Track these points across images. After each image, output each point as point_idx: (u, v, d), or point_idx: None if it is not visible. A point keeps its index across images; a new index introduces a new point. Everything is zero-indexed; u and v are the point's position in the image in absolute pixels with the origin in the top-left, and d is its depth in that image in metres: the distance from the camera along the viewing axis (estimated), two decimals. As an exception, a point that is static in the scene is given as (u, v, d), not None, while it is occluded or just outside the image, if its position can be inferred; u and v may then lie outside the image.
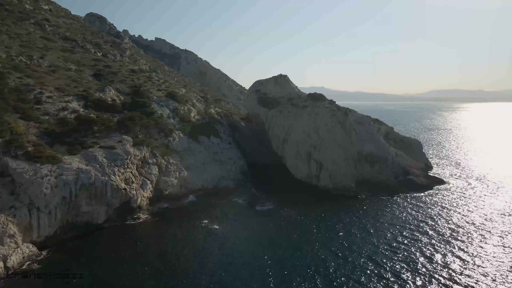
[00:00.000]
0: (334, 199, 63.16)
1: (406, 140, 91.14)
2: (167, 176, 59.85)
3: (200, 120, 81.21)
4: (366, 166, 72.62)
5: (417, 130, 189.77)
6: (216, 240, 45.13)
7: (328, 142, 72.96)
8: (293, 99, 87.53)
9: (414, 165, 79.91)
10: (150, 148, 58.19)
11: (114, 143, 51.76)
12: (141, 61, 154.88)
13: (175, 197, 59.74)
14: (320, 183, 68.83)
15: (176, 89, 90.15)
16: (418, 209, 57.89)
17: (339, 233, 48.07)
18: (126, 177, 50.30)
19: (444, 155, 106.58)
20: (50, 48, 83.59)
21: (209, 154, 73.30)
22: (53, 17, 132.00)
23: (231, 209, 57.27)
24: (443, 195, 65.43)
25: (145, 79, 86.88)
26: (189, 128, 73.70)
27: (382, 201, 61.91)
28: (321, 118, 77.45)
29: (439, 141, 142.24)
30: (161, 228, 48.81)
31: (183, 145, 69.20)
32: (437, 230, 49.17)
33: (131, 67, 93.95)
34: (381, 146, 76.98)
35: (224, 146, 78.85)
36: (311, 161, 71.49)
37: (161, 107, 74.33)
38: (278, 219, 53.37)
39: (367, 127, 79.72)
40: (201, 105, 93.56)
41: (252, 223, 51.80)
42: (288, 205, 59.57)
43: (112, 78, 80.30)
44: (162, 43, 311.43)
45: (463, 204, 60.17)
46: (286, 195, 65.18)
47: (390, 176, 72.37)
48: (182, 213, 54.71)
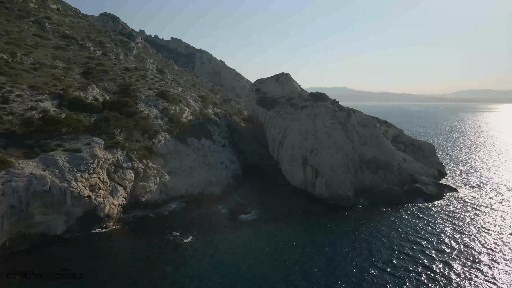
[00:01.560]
0: (329, 209, 57.05)
1: (418, 143, 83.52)
2: (145, 182, 55.45)
3: (193, 121, 76.58)
4: (368, 173, 65.98)
5: (437, 132, 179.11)
6: (182, 255, 40.19)
7: (327, 145, 66.84)
8: (293, 99, 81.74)
9: (424, 172, 72.54)
10: (126, 151, 53.88)
11: (81, 145, 47.65)
12: (149, 60, 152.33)
13: (153, 204, 55.22)
14: (316, 191, 62.82)
15: (170, 88, 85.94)
16: (422, 223, 51.03)
17: (325, 251, 42.12)
18: (92, 183, 46.02)
19: (462, 161, 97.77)
20: (41, 46, 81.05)
21: (198, 158, 68.54)
22: (59, 16, 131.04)
23: (211, 218, 52.20)
24: (454, 206, 58.09)
25: (138, 78, 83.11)
26: (177, 130, 69.14)
27: (382, 213, 55.31)
28: (321, 119, 71.40)
29: (459, 144, 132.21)
30: (126, 239, 44.29)
31: (168, 148, 64.75)
32: (441, 249, 42.38)
33: (126, 66, 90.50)
34: (387, 150, 70.10)
35: (216, 149, 73.89)
36: (306, 167, 65.53)
37: (149, 107, 70.20)
38: (260, 231, 47.89)
39: (372, 129, 72.96)
40: (198, 105, 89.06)
41: (230, 236, 46.41)
42: (275, 215, 54.11)
43: (101, 76, 76.87)
44: (177, 43, 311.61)
45: (476, 219, 52.77)
46: (276, 204, 59.77)
47: (395, 184, 65.47)
48: (157, 222, 50.11)
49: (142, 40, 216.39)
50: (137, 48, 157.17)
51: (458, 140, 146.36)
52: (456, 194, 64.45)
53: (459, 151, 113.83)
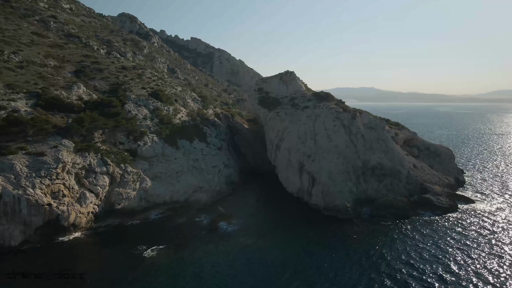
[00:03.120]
0: (323, 222, 51.08)
1: (434, 148, 75.82)
2: (122, 187, 51.44)
3: (187, 122, 72.35)
4: (372, 181, 59.39)
5: (462, 135, 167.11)
6: (140, 273, 35.60)
7: (326, 150, 60.84)
8: (296, 99, 75.94)
9: (438, 181, 65.11)
10: (100, 154, 50.00)
11: (46, 148, 44.10)
12: (160, 59, 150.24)
13: (130, 212, 51.16)
14: (312, 200, 56.95)
15: (167, 88, 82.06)
16: (427, 242, 44.24)
17: (306, 276, 36.48)
18: (54, 189, 42.30)
19: (486, 167, 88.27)
20: (36, 44, 79.05)
21: (188, 161, 64.11)
22: (70, 15, 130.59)
23: (189, 229, 47.48)
24: (467, 222, 50.72)
25: (133, 77, 79.66)
26: (167, 131, 65.02)
27: (383, 228, 48.80)
28: (322, 121, 65.45)
29: (486, 148, 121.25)
30: (85, 252, 40.18)
31: (155, 151, 60.68)
32: (444, 279, 35.86)
33: (125, 64, 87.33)
34: (394, 156, 63.22)
35: (209, 152, 69.26)
36: (303, 173, 59.77)
37: (138, 107, 66.41)
38: (237, 246, 42.77)
39: (380, 132, 66.17)
40: (197, 105, 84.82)
41: (203, 250, 41.47)
42: (260, 226, 49.00)
43: (94, 75, 73.84)
44: (197, 43, 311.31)
45: (491, 239, 45.38)
46: (266, 213, 54.71)
47: (402, 194, 58.65)
48: (128, 232, 45.95)
49: (159, 39, 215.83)
50: (148, 48, 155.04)
51: (484, 143, 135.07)
52: (473, 207, 56.82)
53: (485, 156, 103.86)
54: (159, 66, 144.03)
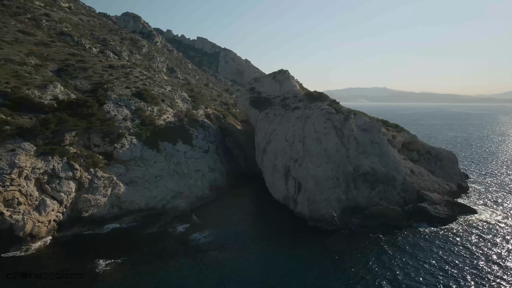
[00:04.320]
0: (306, 233, 46.94)
1: (435, 152, 70.81)
2: (91, 194, 48.14)
3: (172, 123, 68.86)
4: (364, 188, 54.95)
5: (472, 137, 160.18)
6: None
7: (315, 154, 56.64)
8: (288, 99, 71.85)
9: (438, 187, 60.26)
10: (66, 158, 46.72)
11: (3, 152, 40.94)
12: (159, 59, 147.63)
13: (99, 220, 47.84)
14: (297, 208, 52.78)
15: (155, 87, 78.70)
16: (418, 258, 39.75)
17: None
18: (7, 197, 39.14)
19: (493, 173, 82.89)
20: (20, 42, 76.61)
21: (169, 165, 60.59)
22: (67, 14, 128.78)
23: (158, 240, 43.86)
24: (465, 234, 45.96)
25: (119, 75, 76.55)
26: (148, 133, 61.60)
27: (370, 241, 44.39)
28: (312, 122, 61.26)
29: (493, 152, 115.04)
30: (34, 266, 36.67)
31: (133, 154, 57.26)
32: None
33: (112, 63, 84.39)
34: (389, 160, 58.66)
35: (194, 155, 65.60)
36: (289, 179, 55.69)
37: (118, 108, 63.15)
38: (208, 260, 38.93)
39: (375, 135, 61.66)
40: (186, 105, 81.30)
41: (169, 265, 37.80)
42: (238, 238, 45.13)
43: (77, 73, 70.89)
44: (203, 42, 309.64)
45: (491, 254, 40.71)
46: (246, 223, 50.67)
47: (396, 202, 54.14)
48: (92, 243, 42.53)
49: (162, 39, 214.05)
50: (148, 47, 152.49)
51: (494, 146, 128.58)
52: (473, 218, 51.87)
53: (493, 161, 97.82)
54: (158, 65, 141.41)
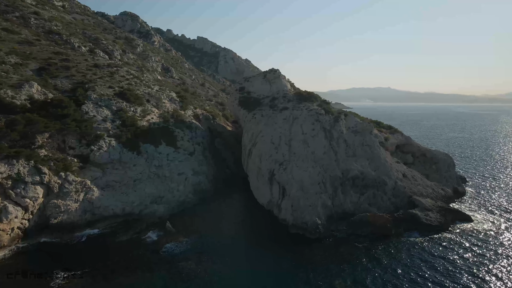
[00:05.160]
0: (288, 242, 44.15)
1: (430, 154, 67.74)
2: (61, 199, 45.64)
3: (156, 124, 66.23)
4: (352, 193, 52.05)
5: (473, 137, 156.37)
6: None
7: (301, 157, 53.85)
8: (277, 99, 69.04)
9: (431, 192, 57.26)
10: (34, 162, 44.22)
11: (-38, 156, 38.48)
12: (154, 58, 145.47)
13: (70, 227, 45.23)
14: (281, 214, 49.92)
15: (141, 87, 76.16)
16: (404, 269, 36.92)
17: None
18: (-37, 204, 36.62)
19: (492, 176, 79.50)
20: (3, 40, 74.40)
21: (150, 168, 57.99)
22: (60, 13, 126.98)
23: (128, 250, 41.22)
24: (457, 245, 42.97)
25: (104, 75, 74.08)
26: (129, 134, 59.08)
27: (353, 251, 41.47)
28: (300, 124, 58.47)
29: (495, 154, 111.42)
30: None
31: (111, 156, 54.77)
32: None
33: (100, 62, 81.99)
34: (380, 164, 55.72)
35: (177, 157, 62.92)
36: (273, 183, 52.90)
37: (98, 108, 60.68)
38: (179, 273, 36.28)
39: (366, 137, 58.73)
40: (174, 105, 78.68)
41: (135, 278, 35.18)
42: (214, 248, 42.35)
43: (59, 73, 68.55)
44: (203, 42, 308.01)
45: (484, 268, 37.79)
46: (226, 230, 47.91)
47: (386, 208, 51.24)
48: (56, 253, 39.92)
49: (160, 38, 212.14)
50: (143, 46, 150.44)
51: (497, 148, 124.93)
52: (467, 227, 48.80)
53: (494, 163, 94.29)
54: (152, 65, 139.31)
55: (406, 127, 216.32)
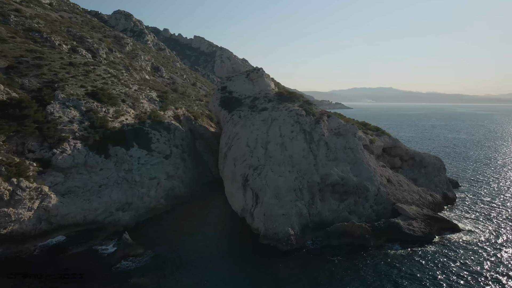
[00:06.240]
0: (257, 254, 40.61)
1: (419, 157, 63.99)
2: (12, 207, 42.12)
3: (130, 125, 62.73)
4: (331, 201, 48.42)
5: (472, 138, 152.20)
6: None
7: (277, 162, 50.29)
8: (258, 99, 65.50)
9: (418, 198, 53.62)
10: (-19, 167, 40.82)
11: None
12: (144, 57, 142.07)
13: (22, 237, 41.81)
14: (254, 223, 46.40)
15: (118, 86, 72.73)
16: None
17: None
18: None
19: (487, 180, 75.64)
20: (-28, 38, 71.14)
21: (119, 172, 54.53)
22: (46, 11, 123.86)
23: (79, 264, 37.69)
24: (441, 259, 39.27)
25: (78, 74, 70.66)
26: (97, 136, 55.62)
27: (326, 265, 37.83)
28: (278, 126, 54.93)
29: (492, 156, 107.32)
30: None
31: (75, 160, 51.29)
32: None
33: (76, 60, 78.57)
34: (363, 168, 52.08)
35: (150, 161, 59.41)
36: (247, 189, 49.34)
37: (65, 108, 57.25)
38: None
39: (349, 140, 55.13)
40: (153, 105, 75.20)
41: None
42: (175, 262, 38.86)
43: (29, 71, 65.22)
44: (200, 41, 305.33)
45: (469, 283, 34.14)
46: (194, 242, 44.33)
47: (367, 216, 47.64)
48: (2, 268, 36.51)
49: (154, 37, 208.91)
50: (133, 45, 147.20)
51: (494, 149, 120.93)
52: (454, 236, 45.06)
53: (489, 166, 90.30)
54: (141, 64, 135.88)
55: (403, 127, 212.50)
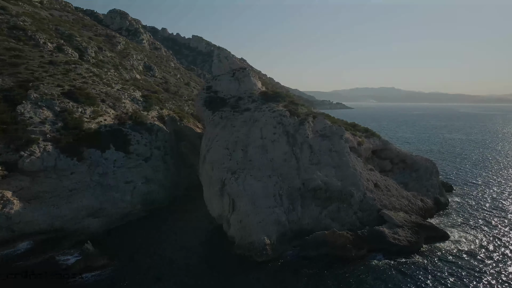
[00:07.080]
0: (230, 266, 37.87)
1: (410, 161, 61.08)
2: (-31, 214, 39.57)
3: (108, 127, 60.04)
4: (313, 207, 45.54)
5: (471, 140, 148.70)
6: None
7: (257, 165, 47.53)
8: (242, 99, 62.74)
9: (407, 204, 50.73)
10: None
11: None
12: (136, 56, 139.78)
13: (-20, 246, 39.25)
14: (230, 231, 43.62)
15: (98, 85, 70.14)
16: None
17: None
18: None
19: (484, 183, 72.51)
20: None
21: (92, 176, 51.82)
22: (36, 9, 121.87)
23: (35, 276, 34.93)
24: (428, 271, 36.42)
25: (57, 72, 68.10)
26: (70, 138, 52.98)
27: (301, 279, 35.02)
28: (260, 127, 52.19)
29: (491, 158, 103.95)
30: None
31: (44, 163, 48.65)
32: None
33: (56, 59, 76.04)
34: (348, 173, 49.18)
35: (127, 163, 56.70)
36: (224, 195, 46.52)
37: (37, 109, 54.62)
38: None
39: (335, 142, 52.25)
40: (136, 106, 72.57)
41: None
42: (140, 274, 36.08)
43: (4, 70, 62.75)
44: (198, 41, 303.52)
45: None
46: (163, 251, 41.60)
47: (351, 224, 44.78)
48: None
49: (150, 37, 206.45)
50: (125, 44, 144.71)
51: (493, 151, 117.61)
52: (443, 246, 42.13)
53: (487, 168, 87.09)
54: (133, 63, 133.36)
55: (402, 127, 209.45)
